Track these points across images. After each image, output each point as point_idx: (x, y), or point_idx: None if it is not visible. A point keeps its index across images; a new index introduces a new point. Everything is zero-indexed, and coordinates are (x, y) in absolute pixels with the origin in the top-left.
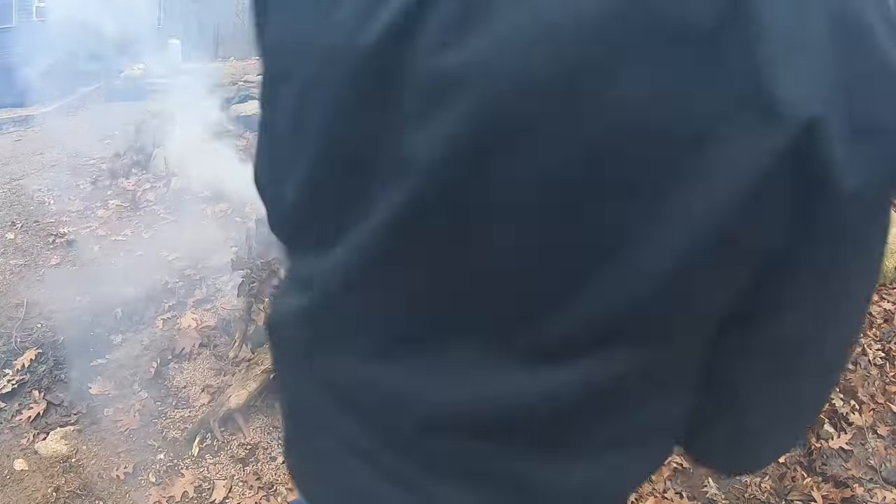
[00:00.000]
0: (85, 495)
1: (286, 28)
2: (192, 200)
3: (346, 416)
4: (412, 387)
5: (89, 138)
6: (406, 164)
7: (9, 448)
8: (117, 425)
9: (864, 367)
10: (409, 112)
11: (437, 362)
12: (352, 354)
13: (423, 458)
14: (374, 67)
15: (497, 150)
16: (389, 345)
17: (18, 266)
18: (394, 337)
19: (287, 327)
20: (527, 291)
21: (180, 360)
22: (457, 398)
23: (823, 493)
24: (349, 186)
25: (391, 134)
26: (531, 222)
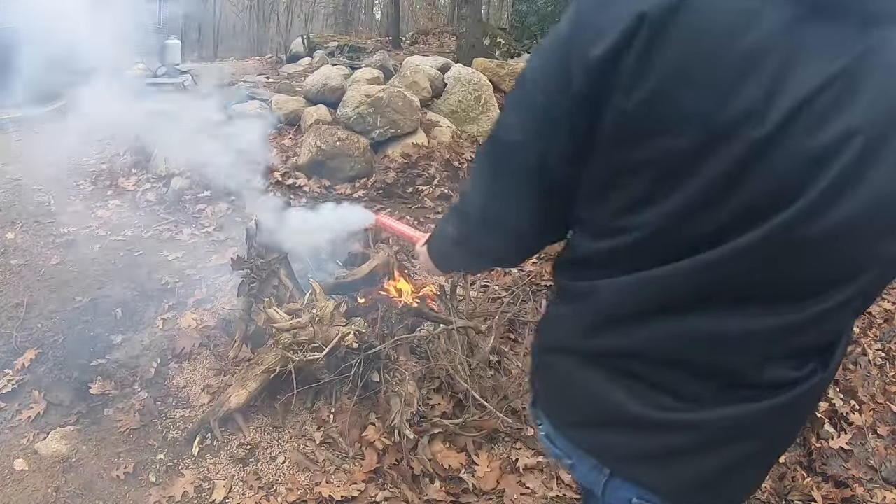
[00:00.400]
0: (85, 495)
1: (678, 96)
2: (192, 200)
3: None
4: (726, 330)
5: (89, 138)
6: (783, 200)
7: (9, 448)
8: (117, 425)
9: (864, 367)
10: (792, 172)
11: (743, 313)
12: (702, 317)
13: (714, 384)
14: (763, 149)
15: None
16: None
17: (18, 266)
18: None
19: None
20: (832, 275)
21: (180, 360)
22: (752, 329)
23: (823, 493)
24: (726, 210)
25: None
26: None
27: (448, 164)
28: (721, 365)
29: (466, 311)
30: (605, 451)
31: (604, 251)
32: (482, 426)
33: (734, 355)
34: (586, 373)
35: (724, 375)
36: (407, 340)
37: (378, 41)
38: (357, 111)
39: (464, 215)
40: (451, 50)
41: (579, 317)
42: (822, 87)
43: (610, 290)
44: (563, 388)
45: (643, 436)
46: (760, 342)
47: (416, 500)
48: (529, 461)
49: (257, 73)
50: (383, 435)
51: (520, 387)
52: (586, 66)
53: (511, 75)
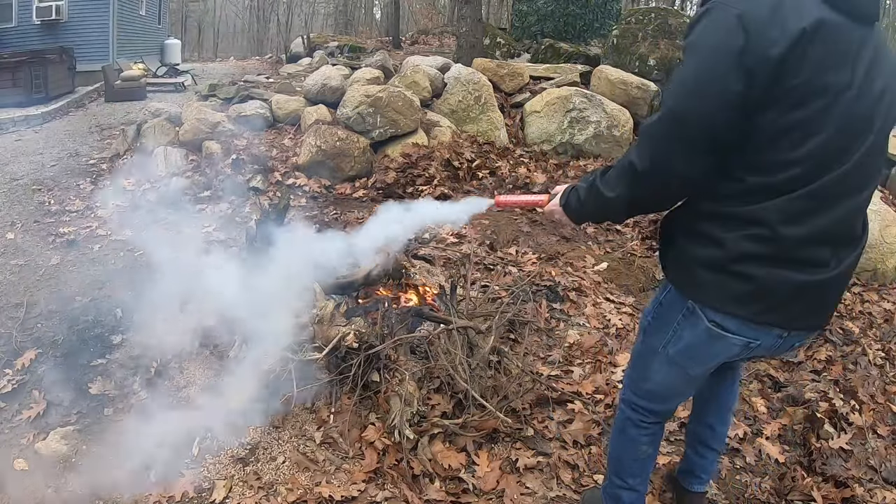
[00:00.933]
0: (85, 495)
1: (819, 78)
2: (192, 200)
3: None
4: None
5: (89, 138)
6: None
7: (9, 448)
8: (117, 425)
9: (864, 367)
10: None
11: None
12: (838, 208)
13: (841, 245)
14: (855, 100)
15: None
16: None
17: (18, 266)
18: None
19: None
20: (879, 170)
21: (180, 360)
22: (859, 206)
23: (823, 493)
24: (849, 142)
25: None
26: None
27: (448, 164)
28: (848, 233)
29: (466, 311)
30: (788, 319)
31: (781, 180)
32: (482, 426)
33: (853, 225)
34: (771, 269)
35: (846, 239)
36: (407, 340)
37: (378, 41)
38: (357, 111)
39: (638, 175)
40: (451, 50)
41: (764, 228)
42: (870, 64)
43: (789, 203)
44: (756, 285)
45: (807, 297)
46: (860, 213)
47: (416, 500)
48: (529, 461)
49: (257, 73)
50: (383, 435)
51: (520, 387)
52: (767, 62)
53: (511, 75)
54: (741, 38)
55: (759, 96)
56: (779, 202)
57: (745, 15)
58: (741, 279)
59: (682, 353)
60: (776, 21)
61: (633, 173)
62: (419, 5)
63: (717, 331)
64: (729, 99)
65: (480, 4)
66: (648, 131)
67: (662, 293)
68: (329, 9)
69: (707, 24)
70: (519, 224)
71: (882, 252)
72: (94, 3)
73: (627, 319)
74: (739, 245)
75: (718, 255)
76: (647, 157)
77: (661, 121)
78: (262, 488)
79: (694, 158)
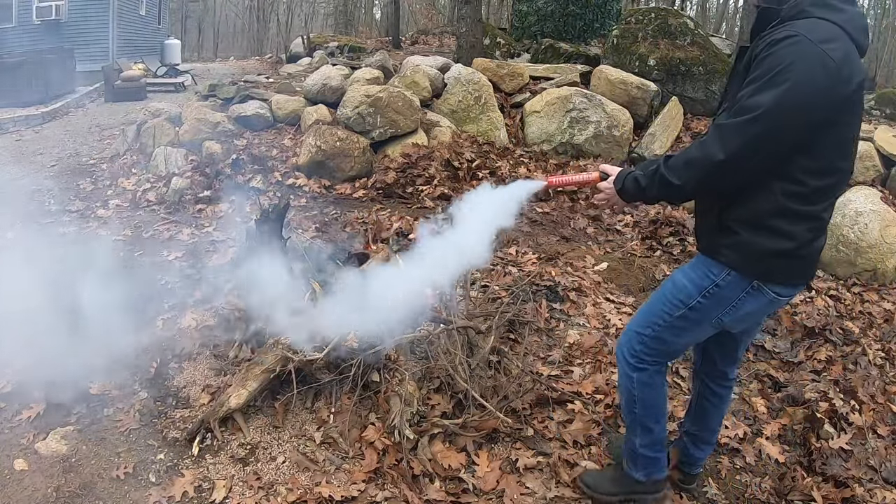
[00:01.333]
0: (85, 495)
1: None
2: (192, 201)
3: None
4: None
5: (89, 138)
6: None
7: (9, 448)
8: (117, 425)
9: (864, 367)
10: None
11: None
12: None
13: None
14: (853, 98)
15: None
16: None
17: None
18: None
19: None
20: None
21: (180, 360)
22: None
23: (823, 493)
24: (849, 140)
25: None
26: None
27: (448, 164)
28: (840, 192)
29: (466, 311)
30: (808, 276)
31: (826, 186)
32: (482, 426)
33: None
34: (815, 245)
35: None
36: (407, 340)
37: (378, 41)
38: (357, 111)
39: (717, 165)
40: (451, 50)
41: (821, 221)
42: (859, 68)
43: (833, 202)
44: (810, 261)
45: (817, 256)
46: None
47: (416, 500)
48: (529, 461)
49: (257, 73)
50: (383, 435)
51: (520, 387)
52: (844, 97)
53: (511, 75)
54: (830, 76)
55: (833, 118)
56: (827, 204)
57: (829, 53)
58: (803, 260)
59: (736, 319)
60: (849, 65)
61: (711, 163)
62: (419, 5)
63: (778, 298)
64: (813, 120)
65: (480, 4)
66: (736, 128)
67: (718, 276)
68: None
69: (797, 52)
70: (519, 224)
71: (882, 252)
72: (94, 3)
73: (627, 319)
74: (805, 236)
75: (790, 245)
76: (731, 151)
77: (753, 122)
78: (262, 488)
79: (769, 158)
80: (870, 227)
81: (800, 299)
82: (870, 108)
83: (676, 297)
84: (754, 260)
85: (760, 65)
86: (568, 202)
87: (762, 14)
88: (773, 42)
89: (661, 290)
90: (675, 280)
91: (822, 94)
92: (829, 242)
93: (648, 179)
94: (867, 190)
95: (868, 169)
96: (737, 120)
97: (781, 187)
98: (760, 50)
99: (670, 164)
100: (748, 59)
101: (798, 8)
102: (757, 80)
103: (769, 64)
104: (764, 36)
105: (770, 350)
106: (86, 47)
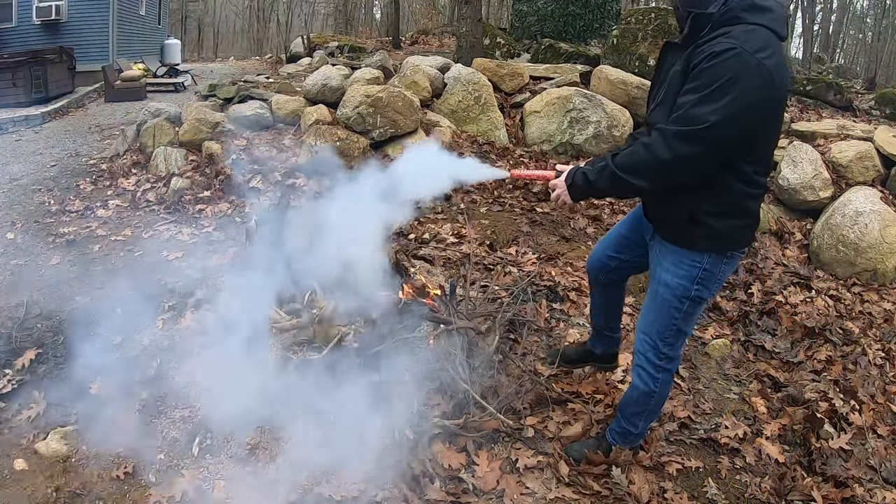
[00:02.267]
0: (85, 495)
1: (755, 97)
2: (192, 201)
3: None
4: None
5: (89, 138)
6: None
7: (9, 448)
8: (117, 425)
9: (864, 367)
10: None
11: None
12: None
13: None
14: (783, 99)
15: None
16: None
17: (18, 266)
18: None
19: None
20: None
21: (180, 360)
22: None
23: (823, 493)
24: (778, 132)
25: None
26: None
27: None
28: None
29: (466, 312)
30: (747, 242)
31: (766, 170)
32: (482, 426)
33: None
34: (758, 215)
35: None
36: (407, 340)
37: (378, 41)
38: (357, 111)
39: (668, 167)
40: (451, 50)
41: (761, 197)
42: (787, 71)
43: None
44: (753, 225)
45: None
46: None
47: (415, 500)
48: (529, 461)
49: (257, 73)
50: (383, 435)
51: (520, 387)
52: (779, 101)
53: (511, 75)
54: (766, 85)
55: (769, 121)
56: (766, 180)
57: (764, 63)
58: (756, 224)
59: (717, 288)
60: (780, 70)
61: (661, 165)
62: (419, 5)
63: (741, 255)
64: (755, 125)
65: (480, 4)
66: (685, 137)
67: (702, 262)
68: (329, 9)
69: (737, 66)
70: (519, 224)
71: (882, 252)
72: (94, 3)
73: (627, 319)
74: (757, 208)
75: (750, 220)
76: (679, 155)
77: (703, 134)
78: (262, 488)
79: (719, 161)
80: (870, 227)
81: (800, 299)
82: (870, 108)
83: (676, 296)
84: (726, 240)
85: (701, 75)
86: None
87: (695, 20)
88: (713, 55)
89: (658, 298)
90: (668, 283)
91: (762, 103)
92: (829, 242)
93: (597, 174)
94: (867, 190)
95: (868, 169)
96: (683, 129)
97: (734, 180)
98: (701, 60)
99: (619, 163)
100: (686, 65)
101: (731, 14)
102: (699, 90)
103: (711, 75)
104: (701, 45)
105: (770, 350)
106: (86, 47)
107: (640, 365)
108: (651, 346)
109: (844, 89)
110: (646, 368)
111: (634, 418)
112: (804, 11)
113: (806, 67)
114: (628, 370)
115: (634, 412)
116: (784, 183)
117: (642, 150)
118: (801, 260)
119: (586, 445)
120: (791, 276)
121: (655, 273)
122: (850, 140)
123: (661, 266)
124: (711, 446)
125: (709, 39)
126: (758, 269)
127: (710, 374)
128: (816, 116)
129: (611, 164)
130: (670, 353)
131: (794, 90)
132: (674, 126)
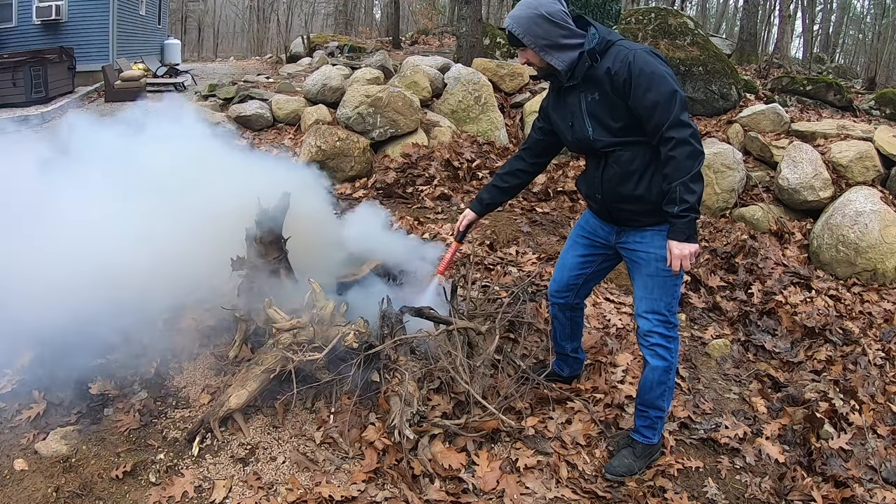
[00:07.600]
0: (85, 495)
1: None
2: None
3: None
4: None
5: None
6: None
7: (9, 448)
8: (117, 425)
9: (864, 367)
10: None
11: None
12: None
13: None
14: None
15: None
16: None
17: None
18: None
19: None
20: None
21: (180, 360)
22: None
23: (823, 493)
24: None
25: None
26: None
27: (448, 164)
28: None
29: (467, 312)
30: None
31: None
32: (482, 426)
33: None
34: None
35: None
36: (407, 340)
37: (378, 41)
38: (357, 111)
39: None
40: (451, 50)
41: None
42: None
43: None
44: None
45: None
46: None
47: (416, 500)
48: (529, 461)
49: (257, 73)
50: (383, 435)
51: (520, 387)
52: None
53: (511, 75)
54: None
55: None
56: None
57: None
58: None
59: None
60: None
61: (702, 156)
62: (419, 5)
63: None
64: None
65: (480, 4)
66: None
67: (660, 237)
68: (329, 9)
69: (645, 58)
70: (519, 224)
71: (882, 252)
72: (94, 3)
73: (627, 319)
74: None
75: None
76: (699, 135)
77: (685, 103)
78: (261, 488)
79: None
80: (870, 228)
81: (800, 299)
82: (870, 107)
83: (663, 270)
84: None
85: (638, 80)
86: (568, 202)
87: (582, 57)
88: (628, 64)
89: (660, 275)
90: (659, 256)
91: None
92: (829, 242)
93: (695, 205)
94: (867, 190)
95: (868, 169)
96: (686, 118)
97: None
98: (624, 71)
99: (693, 184)
100: (609, 87)
101: (606, 43)
102: (650, 87)
103: (641, 72)
104: (603, 68)
105: (770, 350)
106: (86, 47)
107: (654, 344)
108: (662, 321)
109: (844, 89)
110: (660, 343)
111: (659, 400)
112: (804, 11)
113: (806, 67)
114: (628, 370)
115: (658, 394)
116: (784, 183)
117: (691, 161)
118: (801, 260)
119: (625, 457)
120: (791, 276)
121: (646, 258)
122: (850, 140)
123: (650, 250)
124: (711, 446)
125: (604, 62)
126: (758, 269)
127: (710, 374)
128: (816, 116)
129: (691, 187)
130: (674, 320)
131: (794, 90)
132: (674, 123)
